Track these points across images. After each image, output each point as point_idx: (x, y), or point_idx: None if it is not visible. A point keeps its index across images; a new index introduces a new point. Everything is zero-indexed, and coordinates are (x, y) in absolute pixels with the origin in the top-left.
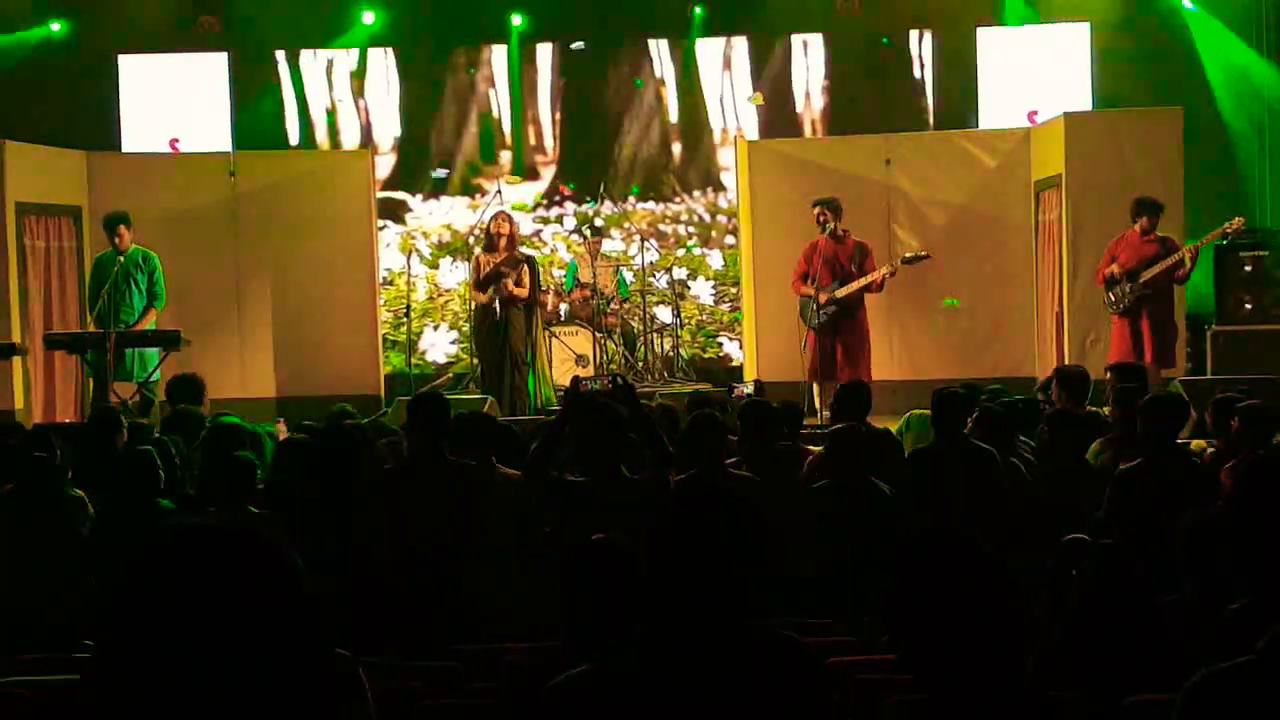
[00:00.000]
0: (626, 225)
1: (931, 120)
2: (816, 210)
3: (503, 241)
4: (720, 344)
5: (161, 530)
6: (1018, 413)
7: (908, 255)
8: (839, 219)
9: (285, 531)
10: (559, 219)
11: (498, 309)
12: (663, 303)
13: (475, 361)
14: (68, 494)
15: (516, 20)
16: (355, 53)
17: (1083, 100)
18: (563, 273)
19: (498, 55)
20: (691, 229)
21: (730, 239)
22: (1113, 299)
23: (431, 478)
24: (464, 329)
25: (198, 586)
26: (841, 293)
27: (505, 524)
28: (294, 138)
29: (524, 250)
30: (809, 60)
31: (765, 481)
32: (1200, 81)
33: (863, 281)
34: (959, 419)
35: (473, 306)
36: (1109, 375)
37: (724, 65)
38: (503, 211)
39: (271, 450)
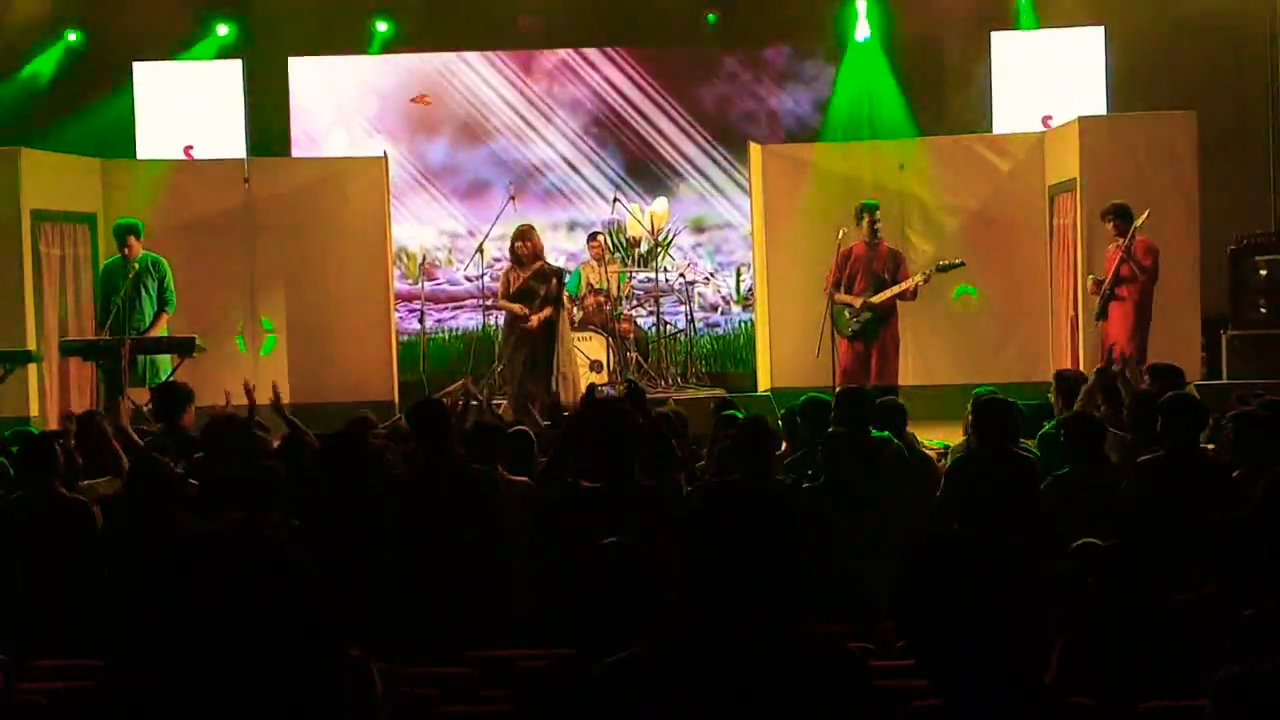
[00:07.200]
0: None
1: (945, 125)
2: (863, 214)
3: (529, 255)
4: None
5: (173, 535)
6: (1023, 416)
7: (942, 263)
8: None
9: (303, 536)
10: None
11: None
12: (678, 301)
13: (499, 368)
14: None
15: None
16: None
17: (1097, 104)
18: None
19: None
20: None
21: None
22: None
23: (442, 483)
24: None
25: (208, 590)
26: (876, 299)
27: (515, 531)
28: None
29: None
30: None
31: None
32: (1216, 84)
33: (897, 289)
34: (1005, 427)
35: (502, 317)
36: (1144, 378)
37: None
38: (527, 225)
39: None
